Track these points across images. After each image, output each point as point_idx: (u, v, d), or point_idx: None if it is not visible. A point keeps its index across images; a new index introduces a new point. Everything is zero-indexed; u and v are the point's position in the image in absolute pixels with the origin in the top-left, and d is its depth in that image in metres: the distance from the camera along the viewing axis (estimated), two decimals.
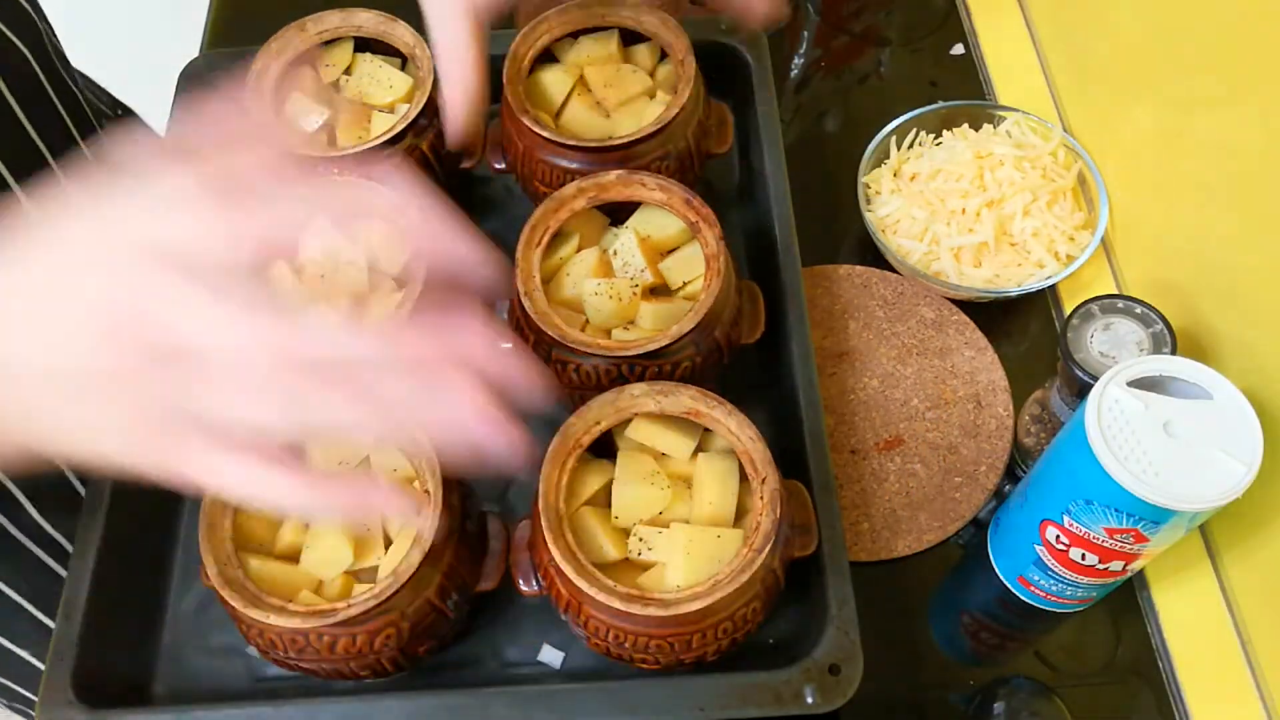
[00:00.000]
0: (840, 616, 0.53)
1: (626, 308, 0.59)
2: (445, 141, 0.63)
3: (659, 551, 0.52)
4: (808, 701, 0.51)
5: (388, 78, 0.69)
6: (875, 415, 0.68)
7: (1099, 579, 0.56)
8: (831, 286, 0.74)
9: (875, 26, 0.89)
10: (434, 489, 0.52)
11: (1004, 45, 0.86)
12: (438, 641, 0.55)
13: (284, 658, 0.52)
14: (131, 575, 0.59)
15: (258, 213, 0.36)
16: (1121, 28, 0.72)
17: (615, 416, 0.55)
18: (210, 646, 0.59)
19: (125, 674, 0.57)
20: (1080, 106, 0.79)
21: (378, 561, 0.54)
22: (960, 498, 0.65)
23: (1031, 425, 0.65)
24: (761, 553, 0.49)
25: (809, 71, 0.87)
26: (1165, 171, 0.68)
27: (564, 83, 0.68)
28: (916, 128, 0.77)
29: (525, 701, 0.52)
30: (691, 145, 0.67)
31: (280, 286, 0.62)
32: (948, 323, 0.72)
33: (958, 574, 0.64)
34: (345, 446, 0.56)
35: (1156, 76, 0.69)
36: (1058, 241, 0.71)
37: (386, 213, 0.40)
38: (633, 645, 0.51)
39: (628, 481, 0.54)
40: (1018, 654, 0.62)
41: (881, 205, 0.74)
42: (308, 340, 0.35)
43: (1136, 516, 0.49)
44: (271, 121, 0.53)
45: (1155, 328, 0.58)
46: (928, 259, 0.72)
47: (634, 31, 0.69)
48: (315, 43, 0.69)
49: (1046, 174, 0.73)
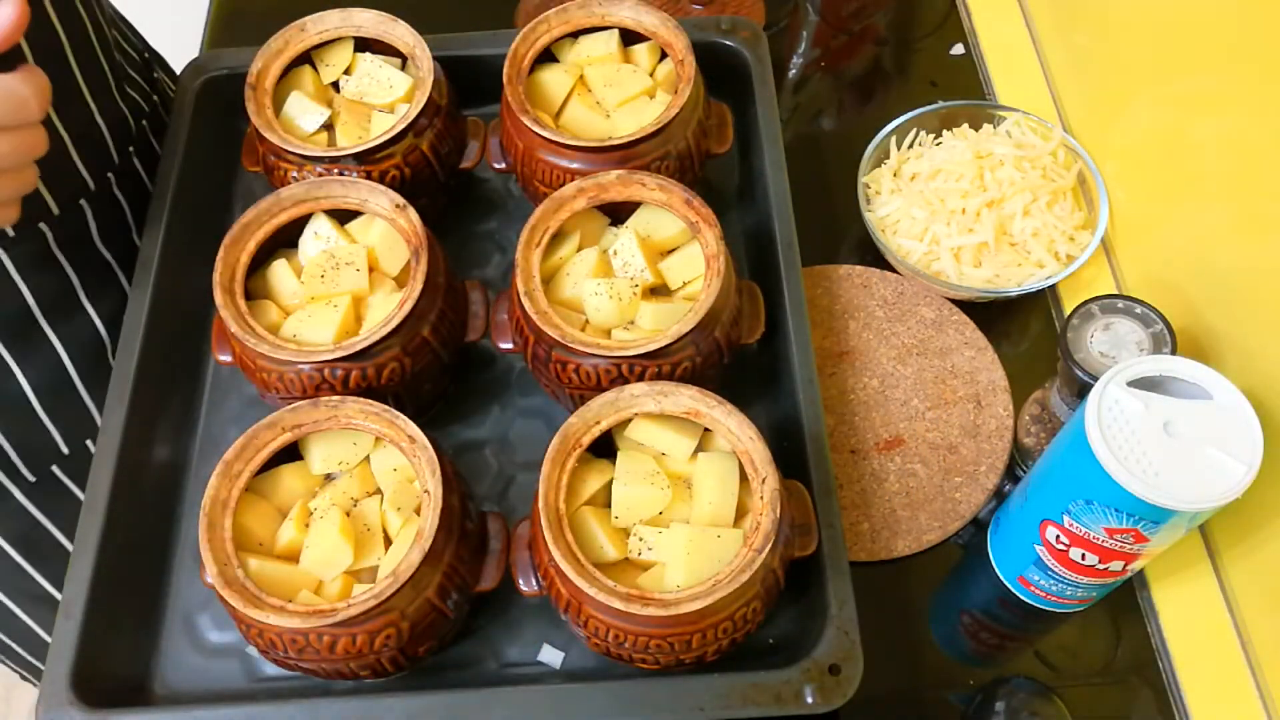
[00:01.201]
0: (840, 616, 0.53)
1: (626, 308, 0.59)
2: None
3: (659, 551, 0.52)
4: (808, 701, 0.51)
5: (388, 78, 0.69)
6: (875, 415, 0.68)
7: (1099, 579, 0.56)
8: (831, 286, 0.74)
9: (875, 26, 0.89)
10: (434, 489, 0.52)
11: (1004, 45, 0.86)
12: (438, 641, 0.55)
13: (284, 658, 0.52)
14: (131, 575, 0.59)
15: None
16: (1121, 28, 0.72)
17: (615, 416, 0.55)
18: (210, 646, 0.59)
19: (125, 674, 0.57)
20: (1080, 106, 0.79)
21: (378, 561, 0.54)
22: (960, 498, 0.65)
23: (1031, 425, 0.65)
24: (761, 553, 0.49)
25: (809, 71, 0.87)
26: (1165, 171, 0.68)
27: (564, 83, 0.68)
28: (916, 128, 0.77)
29: (525, 701, 0.52)
30: (691, 145, 0.67)
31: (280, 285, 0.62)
32: (948, 323, 0.72)
33: (958, 574, 0.64)
34: (343, 440, 0.56)
35: (1156, 76, 0.69)
36: (1058, 241, 0.71)
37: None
38: (633, 645, 0.51)
39: (628, 481, 0.54)
40: (1018, 654, 0.62)
41: (881, 205, 0.74)
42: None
43: (1136, 516, 0.49)
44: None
45: (1155, 328, 0.58)
46: (928, 259, 0.72)
47: (634, 31, 0.69)
48: (315, 43, 0.69)
49: (1046, 174, 0.73)
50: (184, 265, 0.67)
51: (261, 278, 0.62)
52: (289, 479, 0.56)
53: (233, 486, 0.54)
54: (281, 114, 0.67)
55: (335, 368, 0.57)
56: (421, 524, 0.51)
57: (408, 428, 0.54)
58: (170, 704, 0.57)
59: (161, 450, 0.64)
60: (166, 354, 0.65)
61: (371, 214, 0.63)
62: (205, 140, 0.72)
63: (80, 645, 0.54)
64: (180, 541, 0.63)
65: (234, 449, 0.54)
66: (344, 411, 0.55)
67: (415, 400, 0.62)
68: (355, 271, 0.61)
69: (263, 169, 0.68)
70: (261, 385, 0.60)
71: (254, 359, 0.58)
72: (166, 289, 0.66)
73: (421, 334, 0.59)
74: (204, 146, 0.72)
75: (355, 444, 0.56)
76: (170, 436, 0.65)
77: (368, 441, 0.57)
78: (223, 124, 0.74)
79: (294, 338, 0.59)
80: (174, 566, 0.62)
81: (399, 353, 0.58)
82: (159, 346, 0.64)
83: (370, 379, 0.58)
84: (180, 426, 0.66)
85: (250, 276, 0.61)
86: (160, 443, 0.64)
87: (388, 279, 0.62)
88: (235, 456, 0.54)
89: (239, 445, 0.54)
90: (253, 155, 0.69)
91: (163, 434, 0.64)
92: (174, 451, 0.65)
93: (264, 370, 0.58)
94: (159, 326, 0.64)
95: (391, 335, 0.57)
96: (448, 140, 0.69)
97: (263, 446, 0.55)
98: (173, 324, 0.66)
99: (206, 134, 0.72)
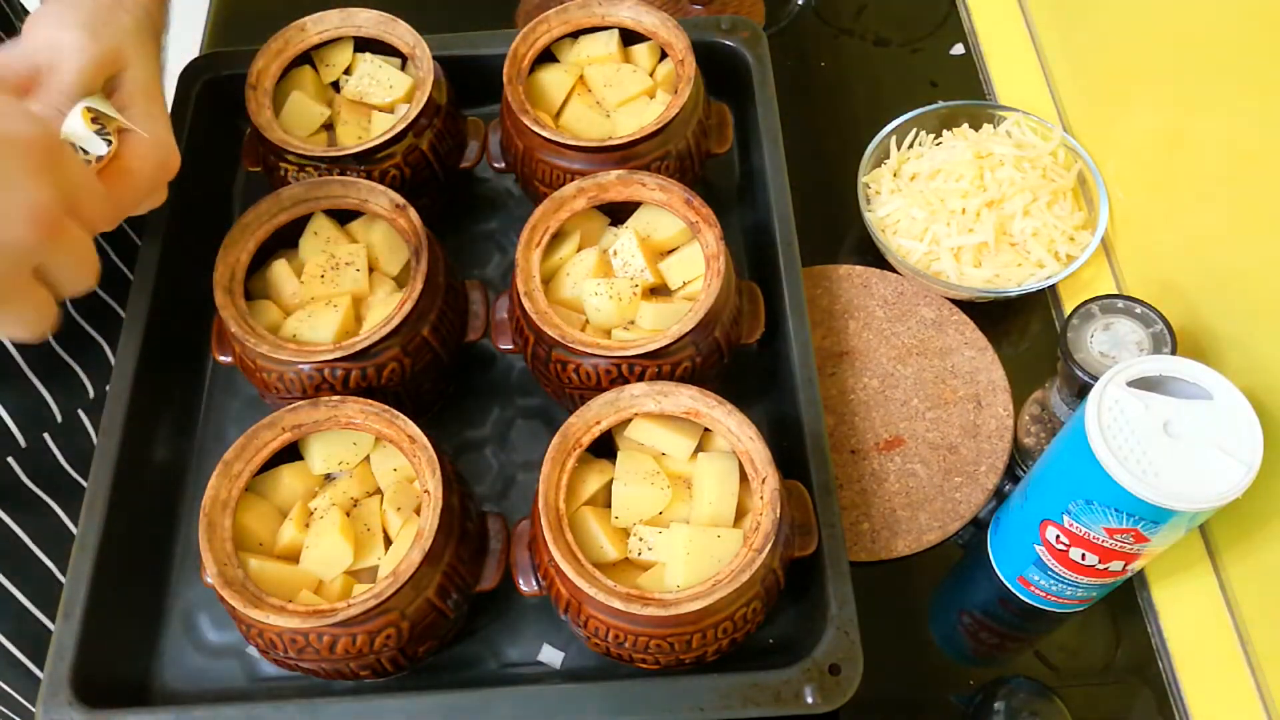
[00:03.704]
0: (840, 616, 0.53)
1: (626, 308, 0.59)
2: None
3: (659, 551, 0.52)
4: (808, 701, 0.51)
5: (388, 78, 0.69)
6: (875, 415, 0.68)
7: (1099, 579, 0.56)
8: (831, 286, 0.74)
9: (875, 26, 0.89)
10: (434, 489, 0.52)
11: (1004, 45, 0.86)
12: (438, 641, 0.55)
13: (284, 658, 0.52)
14: (131, 575, 0.59)
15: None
16: (1121, 28, 0.72)
17: (615, 416, 0.55)
18: (210, 646, 0.59)
19: (125, 674, 0.57)
20: (1080, 106, 0.79)
21: (378, 561, 0.54)
22: (960, 498, 0.65)
23: (1031, 425, 0.65)
24: (761, 553, 0.49)
25: (809, 71, 0.87)
26: (1165, 171, 0.68)
27: (564, 83, 0.68)
28: (916, 128, 0.77)
29: (525, 701, 0.52)
30: (691, 145, 0.67)
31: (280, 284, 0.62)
32: (948, 323, 0.72)
33: (958, 574, 0.64)
34: (343, 440, 0.56)
35: (1156, 76, 0.69)
36: (1058, 241, 0.71)
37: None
38: (633, 645, 0.51)
39: (628, 481, 0.54)
40: (1018, 654, 0.62)
41: (881, 205, 0.74)
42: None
43: (1136, 516, 0.49)
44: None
45: (1155, 328, 0.58)
46: (928, 259, 0.72)
47: (634, 31, 0.69)
48: (315, 43, 0.69)
49: (1046, 174, 0.73)
50: (184, 265, 0.67)
51: (261, 278, 0.62)
52: (289, 479, 0.56)
53: (233, 486, 0.54)
54: (281, 114, 0.67)
55: (335, 368, 0.57)
56: (421, 524, 0.51)
57: (408, 428, 0.54)
58: (170, 704, 0.57)
59: (161, 450, 0.64)
60: (166, 354, 0.65)
61: (371, 214, 0.63)
62: (205, 140, 0.72)
63: (80, 645, 0.54)
64: (180, 541, 0.63)
65: (234, 449, 0.54)
66: (344, 411, 0.55)
67: (415, 400, 0.62)
68: (355, 271, 0.61)
69: (263, 169, 0.68)
70: (261, 385, 0.60)
71: (254, 359, 0.58)
72: (166, 289, 0.66)
73: (421, 334, 0.59)
74: (204, 146, 0.72)
75: (355, 444, 0.56)
76: (170, 436, 0.65)
77: (368, 441, 0.57)
78: (223, 124, 0.74)
79: (294, 338, 0.59)
80: (174, 566, 0.62)
81: (399, 353, 0.58)
82: (159, 346, 0.64)
83: (370, 379, 0.58)
84: (180, 426, 0.66)
85: (250, 277, 0.61)
86: (160, 443, 0.64)
87: (388, 279, 0.62)
88: (235, 456, 0.54)
89: (239, 445, 0.54)
90: (253, 155, 0.69)
91: (163, 434, 0.64)
92: (174, 451, 0.65)
93: (264, 370, 0.58)
94: (159, 326, 0.64)
95: (391, 335, 0.57)
96: (448, 140, 0.69)
97: (263, 446, 0.55)
98: (173, 324, 0.66)
99: (206, 134, 0.72)
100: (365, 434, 0.56)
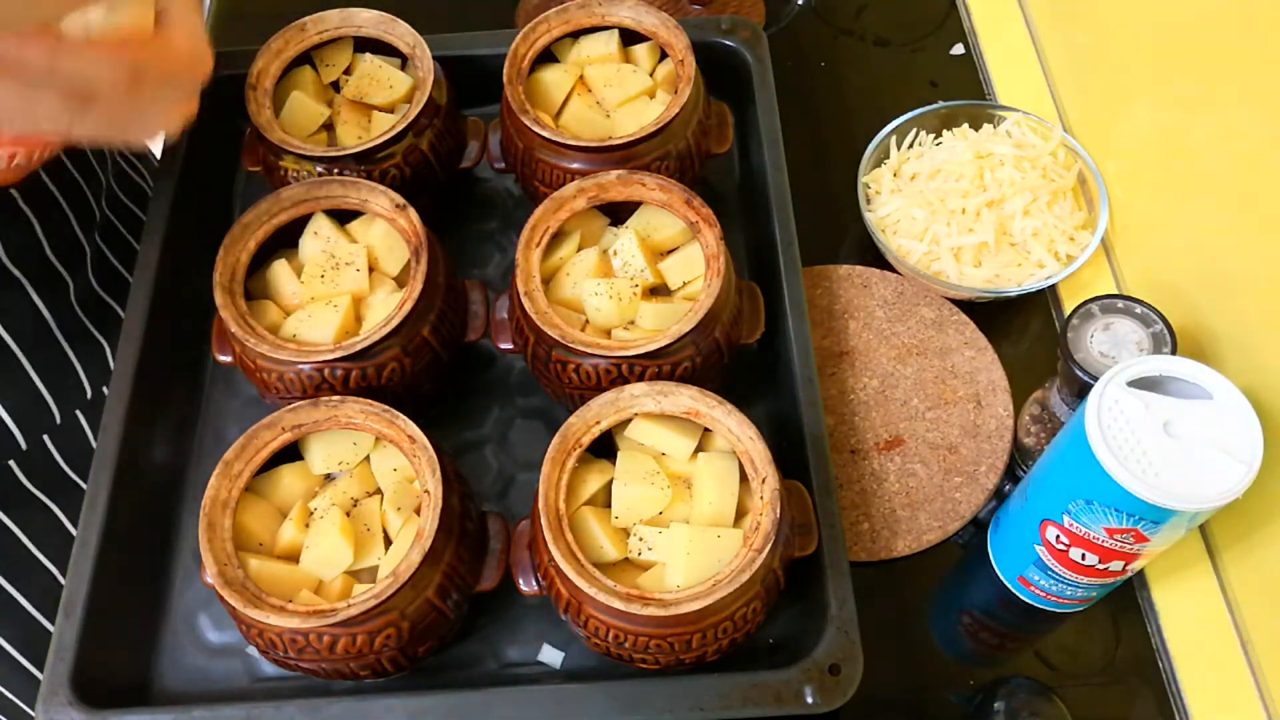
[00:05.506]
0: (840, 616, 0.53)
1: (626, 308, 0.59)
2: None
3: (659, 551, 0.52)
4: (808, 701, 0.51)
5: (388, 78, 0.69)
6: (875, 415, 0.68)
7: (1099, 579, 0.56)
8: (831, 286, 0.74)
9: (875, 26, 0.89)
10: (434, 489, 0.52)
11: (1004, 45, 0.86)
12: (438, 641, 0.55)
13: (284, 658, 0.52)
14: (131, 575, 0.59)
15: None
16: (1121, 28, 0.72)
17: (615, 416, 0.55)
18: (210, 646, 0.59)
19: (125, 674, 0.57)
20: (1080, 106, 0.79)
21: (378, 561, 0.54)
22: (960, 498, 0.65)
23: (1031, 425, 0.65)
24: (761, 553, 0.49)
25: (809, 71, 0.87)
26: (1165, 171, 0.68)
27: (564, 83, 0.68)
28: (916, 128, 0.77)
29: (525, 701, 0.52)
30: (691, 145, 0.67)
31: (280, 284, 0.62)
32: (948, 323, 0.72)
33: (958, 574, 0.64)
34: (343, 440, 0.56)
35: (1156, 76, 0.69)
36: (1058, 241, 0.71)
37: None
38: (633, 645, 0.51)
39: (628, 481, 0.54)
40: (1018, 654, 0.62)
41: (881, 205, 0.74)
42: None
43: (1136, 516, 0.49)
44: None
45: (1155, 328, 0.58)
46: (928, 259, 0.72)
47: (634, 31, 0.69)
48: (315, 43, 0.69)
49: (1046, 174, 0.73)
50: (184, 265, 0.67)
51: (261, 278, 0.62)
52: (289, 479, 0.56)
53: (233, 486, 0.54)
54: (281, 114, 0.67)
55: (335, 368, 0.57)
56: (421, 524, 0.51)
57: (408, 428, 0.54)
58: (170, 704, 0.57)
59: (161, 450, 0.64)
60: (166, 354, 0.65)
61: (371, 214, 0.63)
62: (205, 140, 0.72)
63: (80, 645, 0.54)
64: (180, 541, 0.63)
65: (234, 449, 0.54)
66: (344, 411, 0.55)
67: (415, 400, 0.62)
68: (355, 271, 0.61)
69: (263, 169, 0.68)
70: (261, 385, 0.60)
71: (254, 359, 0.58)
72: (166, 289, 0.66)
73: (421, 334, 0.59)
74: (204, 146, 0.71)
75: (355, 444, 0.56)
76: (170, 436, 0.65)
77: (368, 441, 0.57)
78: (223, 124, 0.74)
79: (294, 338, 0.59)
80: (174, 566, 0.62)
81: (399, 353, 0.58)
82: (159, 346, 0.64)
83: (370, 379, 0.58)
84: (180, 426, 0.66)
85: (250, 277, 0.61)
86: (160, 443, 0.64)
87: (388, 279, 0.62)
88: (235, 456, 0.54)
89: (239, 445, 0.54)
90: (253, 155, 0.69)
91: (163, 434, 0.64)
92: (174, 451, 0.65)
93: (264, 370, 0.58)
94: (159, 326, 0.64)
95: (391, 335, 0.57)
96: (448, 140, 0.69)
97: (263, 446, 0.55)
98: (173, 324, 0.66)
99: (206, 134, 0.72)
100: (365, 434, 0.56)
